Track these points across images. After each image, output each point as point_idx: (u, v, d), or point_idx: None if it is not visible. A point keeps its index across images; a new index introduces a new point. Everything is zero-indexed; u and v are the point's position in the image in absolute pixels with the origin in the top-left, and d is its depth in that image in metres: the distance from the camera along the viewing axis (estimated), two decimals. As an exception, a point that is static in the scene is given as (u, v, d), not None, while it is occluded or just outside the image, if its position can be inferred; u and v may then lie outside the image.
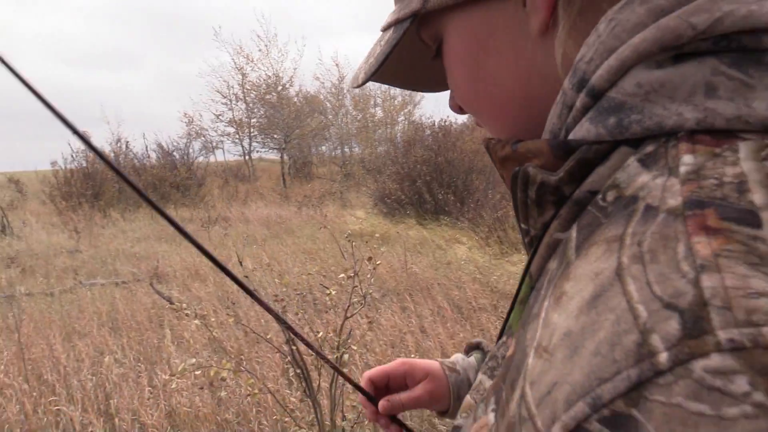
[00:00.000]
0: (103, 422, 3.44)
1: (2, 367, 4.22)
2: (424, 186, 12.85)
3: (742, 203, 0.28)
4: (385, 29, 0.54)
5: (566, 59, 0.41)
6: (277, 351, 3.01)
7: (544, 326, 0.32)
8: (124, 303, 6.29)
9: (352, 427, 3.08)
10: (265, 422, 3.32)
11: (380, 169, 18.26)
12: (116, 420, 3.46)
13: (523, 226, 0.44)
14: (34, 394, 3.76)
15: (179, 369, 2.98)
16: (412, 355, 4.16)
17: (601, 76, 0.37)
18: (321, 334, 2.95)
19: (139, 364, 4.40)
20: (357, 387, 0.83)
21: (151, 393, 3.75)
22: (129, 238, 11.37)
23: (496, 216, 9.67)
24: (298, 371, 2.90)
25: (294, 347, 2.86)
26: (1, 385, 3.95)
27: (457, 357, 0.88)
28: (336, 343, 2.88)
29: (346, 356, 2.91)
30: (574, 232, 0.36)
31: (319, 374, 2.99)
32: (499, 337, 0.50)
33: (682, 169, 0.32)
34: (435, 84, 0.63)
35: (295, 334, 0.88)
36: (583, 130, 0.38)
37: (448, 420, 0.89)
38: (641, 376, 0.26)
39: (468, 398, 0.51)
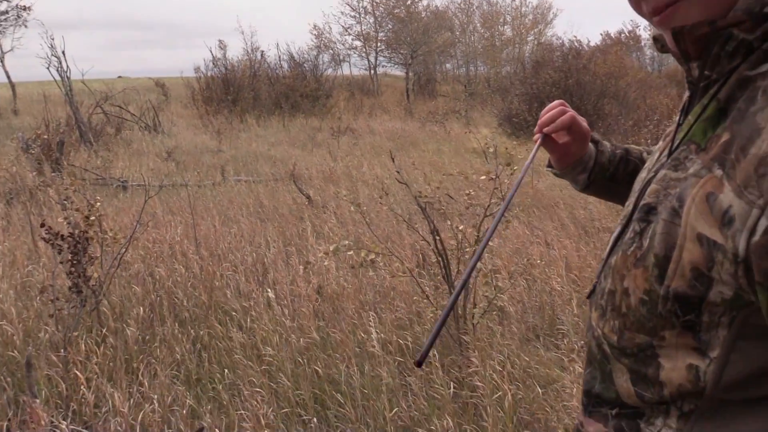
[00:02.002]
0: (261, 291, 3.99)
1: (178, 238, 4.92)
2: (552, 108, 12.60)
3: None
4: None
5: None
6: (417, 240, 3.33)
7: None
8: (267, 198, 6.93)
9: (482, 314, 3.41)
10: (402, 304, 3.72)
11: (507, 89, 17.94)
12: (274, 290, 4.00)
13: (706, 73, 0.68)
14: (207, 263, 4.40)
15: (332, 248, 3.40)
16: (538, 261, 4.39)
17: None
18: (462, 227, 3.25)
19: (288, 247, 4.95)
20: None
21: (302, 270, 4.26)
22: (264, 142, 12.13)
23: (628, 142, 9.40)
24: (439, 258, 3.23)
25: (438, 237, 3.18)
26: (182, 250, 4.64)
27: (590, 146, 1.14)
28: (475, 238, 3.17)
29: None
30: None
31: (458, 263, 3.32)
32: (675, 147, 0.74)
33: None
34: None
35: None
36: None
37: (555, 172, 1.17)
38: None
39: (654, 186, 0.73)
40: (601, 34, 33.73)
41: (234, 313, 3.68)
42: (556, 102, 1.10)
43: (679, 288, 0.65)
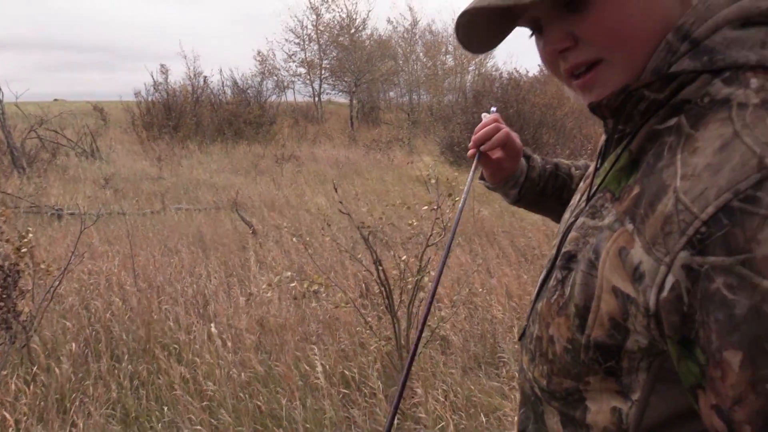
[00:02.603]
0: (202, 323, 3.92)
1: (115, 269, 4.78)
2: (493, 137, 12.89)
3: None
4: None
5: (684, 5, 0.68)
6: (360, 270, 3.35)
7: (684, 166, 0.59)
8: (209, 227, 6.81)
9: (425, 344, 3.44)
10: (346, 335, 3.71)
11: (449, 118, 18.29)
12: (213, 323, 3.92)
13: (620, 127, 0.72)
14: (146, 295, 4.28)
15: (275, 280, 3.39)
16: (479, 290, 4.47)
17: (701, 32, 0.64)
18: (404, 257, 3.28)
19: (230, 278, 4.88)
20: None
21: (245, 302, 4.20)
22: (207, 169, 11.95)
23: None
24: (382, 288, 3.25)
25: (381, 267, 3.20)
26: (119, 282, 4.50)
27: (521, 162, 1.19)
28: (417, 267, 3.21)
29: (425, 278, 3.25)
30: (683, 120, 0.63)
31: (401, 293, 3.35)
32: (593, 194, 0.77)
33: (753, 85, 0.60)
34: (490, 43, 0.83)
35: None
36: (684, 64, 0.65)
37: (488, 185, 1.21)
38: (762, 176, 0.52)
39: (573, 233, 0.76)
40: (539, 65, 34.91)
41: (174, 347, 3.59)
42: (490, 118, 1.13)
43: (598, 337, 0.68)
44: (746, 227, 0.51)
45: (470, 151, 1.11)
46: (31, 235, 3.70)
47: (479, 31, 0.79)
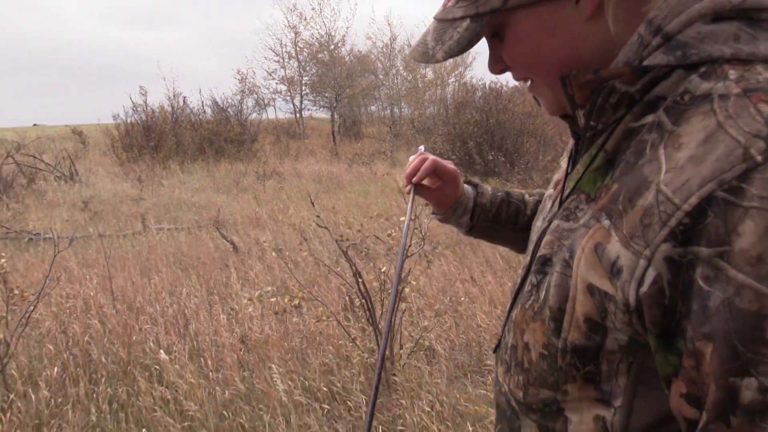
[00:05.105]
0: (184, 343, 3.86)
1: (93, 292, 4.70)
2: (474, 147, 12.96)
3: None
4: (457, 19, 0.74)
5: (617, 27, 0.67)
6: (343, 283, 3.32)
7: (669, 160, 0.57)
8: (190, 246, 6.75)
9: (408, 354, 3.41)
10: (330, 348, 3.68)
11: (430, 130, 18.37)
12: (196, 341, 3.87)
13: (592, 123, 0.70)
14: (124, 317, 4.22)
15: (256, 295, 3.35)
16: (462, 299, 4.46)
17: (674, 27, 0.63)
18: (384, 268, 3.27)
19: (211, 296, 4.83)
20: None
21: (226, 320, 4.15)
22: (188, 189, 11.88)
23: (546, 177, 9.78)
24: (363, 301, 3.23)
25: (360, 279, 3.18)
26: (97, 304, 4.43)
27: (468, 188, 1.19)
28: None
29: (407, 289, 3.23)
30: (663, 117, 0.62)
31: (382, 305, 3.32)
32: (566, 197, 0.76)
33: (731, 76, 0.58)
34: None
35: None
36: (657, 59, 0.63)
37: (438, 217, 1.21)
38: (748, 167, 0.50)
39: (548, 237, 0.75)
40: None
41: (155, 368, 3.53)
42: (417, 154, 1.15)
43: (576, 340, 0.66)
44: (728, 218, 0.50)
45: (406, 188, 1.13)
46: (3, 260, 3.64)
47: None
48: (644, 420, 0.65)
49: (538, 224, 0.88)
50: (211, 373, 3.46)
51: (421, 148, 1.17)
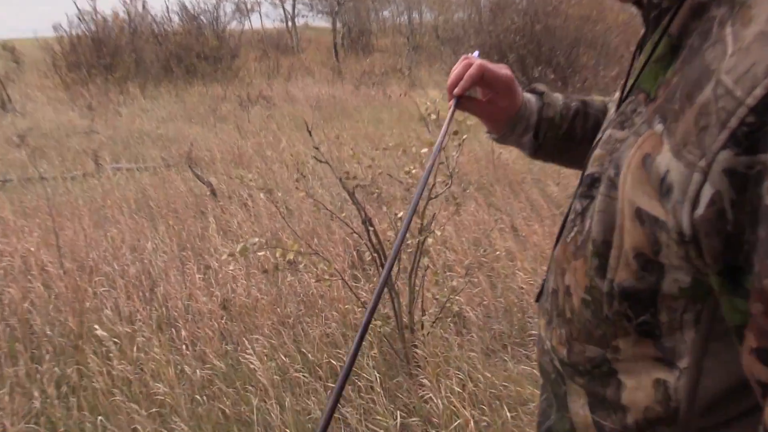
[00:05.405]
0: (150, 310, 3.88)
1: (34, 248, 4.73)
2: (516, 62, 12.74)
3: None
4: None
5: None
6: (349, 233, 3.29)
7: (736, 40, 0.54)
8: (156, 190, 6.76)
9: (433, 322, 3.40)
10: (334, 314, 3.68)
11: (459, 40, 18.07)
12: (165, 308, 3.89)
13: (654, 1, 0.69)
14: (74, 278, 4.24)
15: (239, 249, 3.32)
16: (499, 254, 4.43)
17: None
18: (401, 214, 3.22)
19: (184, 252, 4.84)
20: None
21: (202, 281, 4.16)
22: (152, 119, 11.87)
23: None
24: (375, 255, 3.20)
25: (371, 228, 3.14)
26: (40, 263, 4.46)
27: (530, 98, 1.15)
28: (419, 225, 3.14)
29: (430, 240, 3.19)
30: None
31: (399, 261, 3.29)
32: (624, 99, 0.74)
33: None
34: None
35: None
36: None
37: (494, 137, 1.20)
38: None
39: (598, 151, 0.73)
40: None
41: (113, 341, 3.55)
42: (461, 58, 1.11)
43: (624, 282, 0.64)
44: None
45: (449, 102, 1.10)
46: None
47: None
48: (718, 385, 0.63)
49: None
50: (184, 347, 3.48)
51: (476, 53, 1.13)
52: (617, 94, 0.88)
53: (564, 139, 1.14)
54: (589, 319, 0.70)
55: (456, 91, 1.06)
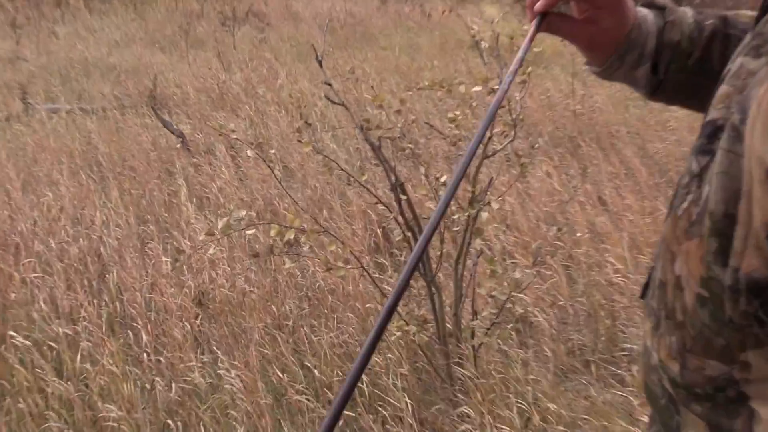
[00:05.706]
0: (99, 305, 3.92)
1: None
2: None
3: None
4: None
5: None
6: (372, 203, 3.29)
7: None
8: (107, 141, 6.78)
9: (487, 329, 3.40)
10: (349, 316, 3.69)
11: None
12: (119, 303, 3.92)
13: None
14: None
15: (221, 225, 3.34)
16: (581, 235, 4.41)
17: None
18: (444, 178, 3.21)
19: (145, 225, 4.87)
20: None
21: (170, 266, 4.19)
22: (102, 42, 11.89)
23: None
24: (408, 234, 3.20)
25: (405, 197, 3.13)
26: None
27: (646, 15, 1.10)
28: (470, 195, 3.13)
29: (483, 215, 3.17)
30: None
31: (442, 242, 3.29)
32: (762, 15, 0.74)
33: None
34: None
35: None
36: None
37: (595, 70, 1.14)
38: None
39: (724, 88, 0.73)
40: None
41: (48, 346, 3.60)
42: None
43: (754, 272, 0.63)
44: None
45: (529, 17, 1.07)
46: None
47: None
48: None
49: None
50: (145, 356, 3.51)
51: None
52: (756, 11, 0.85)
53: (695, 72, 1.09)
54: (707, 324, 0.69)
55: (538, 6, 1.03)
